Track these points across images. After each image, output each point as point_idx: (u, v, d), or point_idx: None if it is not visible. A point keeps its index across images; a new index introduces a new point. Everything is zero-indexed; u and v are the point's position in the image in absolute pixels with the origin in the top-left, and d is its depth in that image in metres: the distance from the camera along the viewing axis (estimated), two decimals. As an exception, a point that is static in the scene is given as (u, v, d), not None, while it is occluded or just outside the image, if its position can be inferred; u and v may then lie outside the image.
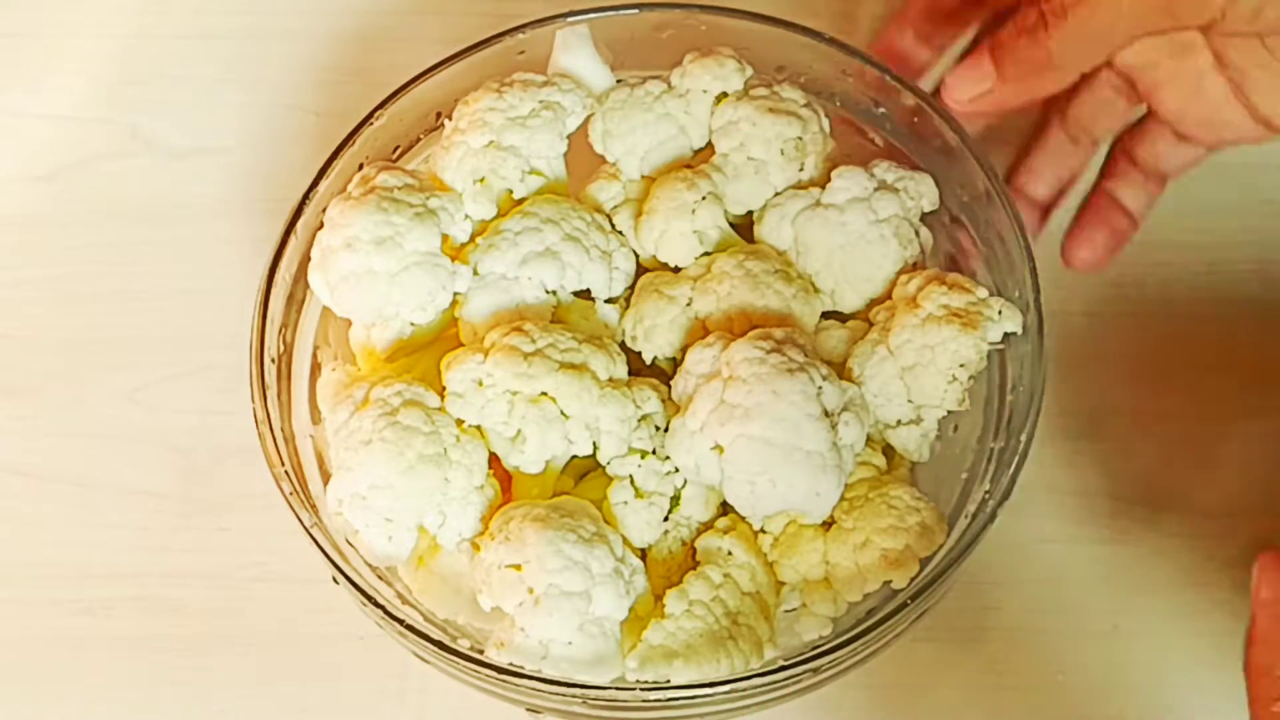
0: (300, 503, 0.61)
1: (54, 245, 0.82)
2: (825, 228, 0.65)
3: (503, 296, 0.65)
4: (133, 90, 0.87)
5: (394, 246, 0.64)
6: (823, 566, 0.61)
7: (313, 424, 0.66)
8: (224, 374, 0.76)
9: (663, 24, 0.72)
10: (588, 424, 0.61)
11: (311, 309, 0.68)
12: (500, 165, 0.67)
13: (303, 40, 0.88)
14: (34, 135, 0.86)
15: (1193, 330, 0.77)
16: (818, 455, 0.59)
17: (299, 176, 0.68)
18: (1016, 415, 0.63)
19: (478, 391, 0.62)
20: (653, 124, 0.69)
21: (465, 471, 0.61)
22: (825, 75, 0.71)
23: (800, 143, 0.67)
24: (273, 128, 0.85)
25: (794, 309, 0.64)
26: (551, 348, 0.62)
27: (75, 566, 0.73)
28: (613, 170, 0.70)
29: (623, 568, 0.59)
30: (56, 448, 0.76)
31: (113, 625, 0.71)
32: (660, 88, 0.69)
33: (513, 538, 0.59)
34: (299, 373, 0.68)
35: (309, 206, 0.67)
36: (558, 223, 0.65)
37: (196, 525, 0.74)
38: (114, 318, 0.79)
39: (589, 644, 0.58)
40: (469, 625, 0.63)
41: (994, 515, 0.60)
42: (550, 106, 0.67)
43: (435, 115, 0.72)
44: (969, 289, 0.63)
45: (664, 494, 0.63)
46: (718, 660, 0.59)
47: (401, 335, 0.65)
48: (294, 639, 0.71)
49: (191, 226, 0.82)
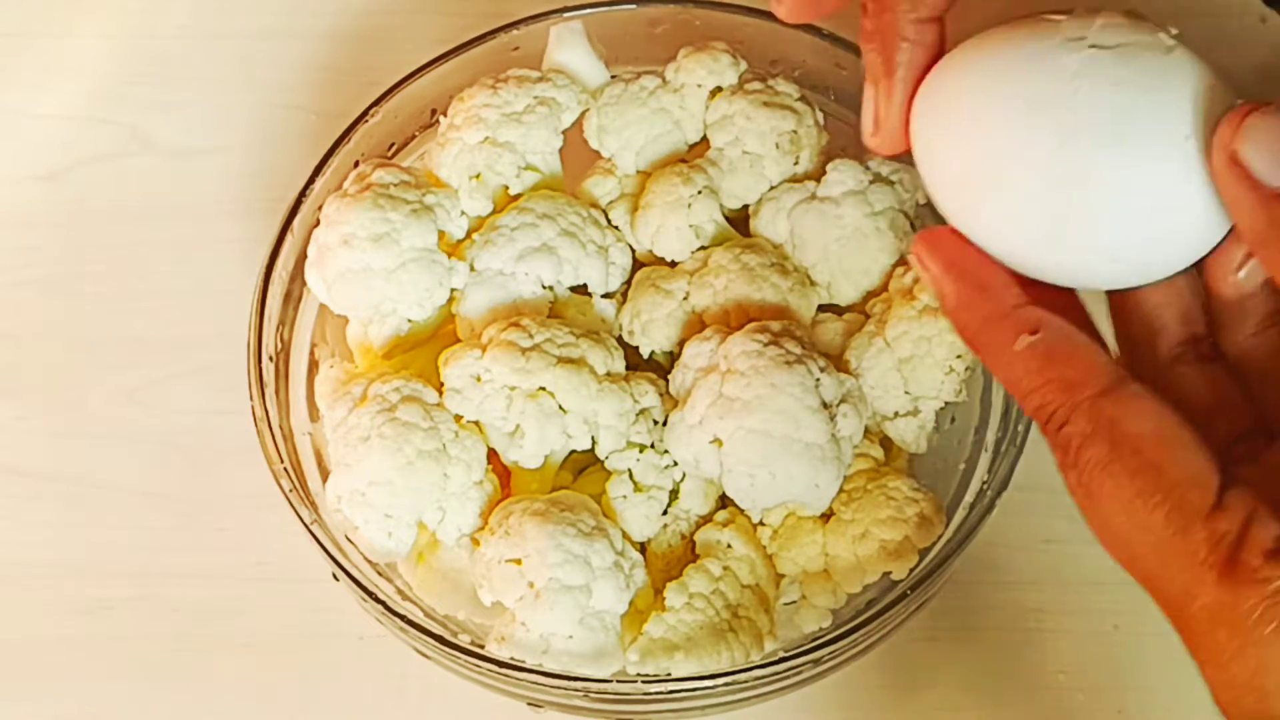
0: (299, 500, 0.61)
1: (54, 245, 0.82)
2: (821, 221, 0.65)
3: (500, 292, 0.65)
4: (133, 90, 0.87)
5: (391, 243, 0.64)
6: (822, 558, 0.62)
7: (311, 421, 0.67)
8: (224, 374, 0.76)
9: (657, 19, 0.72)
10: (586, 418, 0.61)
11: (309, 306, 0.68)
12: (496, 161, 0.67)
13: (302, 40, 0.88)
14: (34, 135, 0.86)
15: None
16: (817, 447, 0.59)
17: (299, 176, 0.68)
18: (1013, 406, 0.62)
19: (476, 387, 0.62)
20: (648, 119, 0.69)
21: (464, 467, 0.61)
22: (819, 69, 0.71)
23: (795, 136, 0.67)
24: (272, 127, 0.85)
25: (791, 302, 0.64)
26: (549, 343, 0.62)
27: (75, 566, 0.73)
28: (608, 165, 0.70)
29: (623, 561, 0.59)
30: (56, 448, 0.76)
31: (113, 625, 0.71)
32: (655, 83, 0.69)
33: (512, 532, 0.59)
34: (297, 370, 0.68)
35: (305, 204, 0.67)
36: (554, 218, 0.65)
37: (196, 525, 0.74)
38: (114, 318, 0.79)
39: (590, 638, 0.58)
40: (469, 621, 0.63)
41: (992, 505, 0.60)
42: (545, 102, 0.67)
43: (430, 112, 0.72)
44: (965, 280, 0.63)
45: (663, 488, 0.63)
46: (718, 653, 0.59)
47: (399, 332, 0.65)
48: (294, 639, 0.71)
49: (191, 226, 0.82)
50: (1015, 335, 0.45)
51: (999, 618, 0.71)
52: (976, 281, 0.46)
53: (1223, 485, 0.42)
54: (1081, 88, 0.44)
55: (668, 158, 0.69)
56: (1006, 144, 0.45)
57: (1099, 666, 0.69)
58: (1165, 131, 0.44)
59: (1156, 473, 0.42)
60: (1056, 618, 0.70)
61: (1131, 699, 0.68)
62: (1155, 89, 0.44)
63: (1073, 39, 0.45)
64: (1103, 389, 0.43)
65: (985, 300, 0.46)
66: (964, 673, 0.70)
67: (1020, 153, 0.45)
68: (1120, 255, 0.45)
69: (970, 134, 0.46)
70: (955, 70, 0.47)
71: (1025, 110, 0.44)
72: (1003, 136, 0.45)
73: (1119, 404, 0.43)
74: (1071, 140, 0.44)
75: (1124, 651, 0.69)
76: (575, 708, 0.61)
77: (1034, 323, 0.45)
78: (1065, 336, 0.45)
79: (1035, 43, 0.45)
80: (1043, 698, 0.69)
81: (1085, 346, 0.45)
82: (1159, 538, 0.41)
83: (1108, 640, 0.69)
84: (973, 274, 0.46)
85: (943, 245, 0.47)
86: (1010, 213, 0.45)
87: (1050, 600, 0.71)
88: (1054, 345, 0.45)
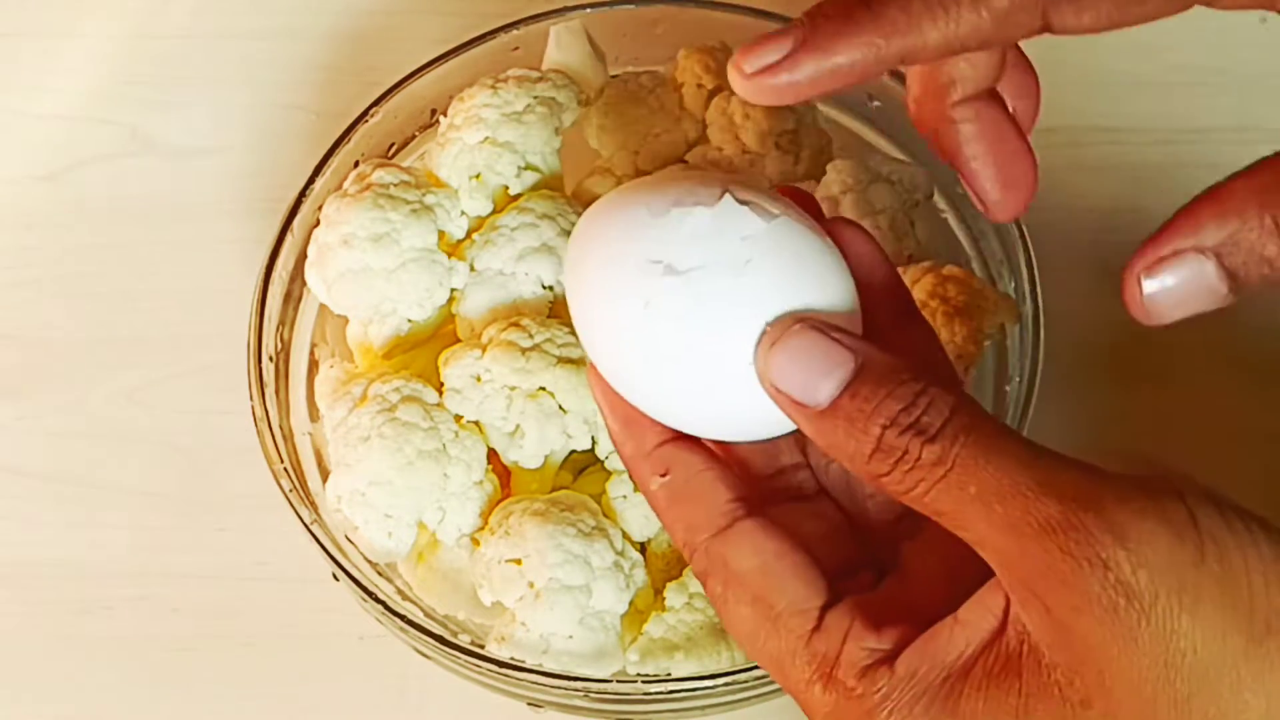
0: (299, 500, 0.61)
1: (54, 245, 0.82)
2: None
3: (500, 292, 0.65)
4: (133, 90, 0.87)
5: (391, 243, 0.64)
6: (822, 559, 0.61)
7: (311, 421, 0.67)
8: (224, 374, 0.76)
9: (657, 19, 0.72)
10: (586, 418, 0.61)
11: (309, 306, 0.69)
12: (496, 161, 0.67)
13: (302, 40, 0.88)
14: (34, 135, 0.86)
15: (1195, 329, 0.76)
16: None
17: (299, 176, 0.68)
18: (1014, 407, 0.62)
19: (476, 387, 0.62)
20: (647, 119, 0.69)
21: (464, 467, 0.61)
22: (820, 68, 0.71)
23: (795, 136, 0.67)
24: (272, 127, 0.85)
25: (791, 302, 0.64)
26: (549, 343, 0.62)
27: (75, 566, 0.73)
28: (608, 165, 0.70)
29: (623, 561, 0.59)
30: (56, 448, 0.76)
31: (113, 625, 0.71)
32: (654, 82, 0.69)
33: (512, 532, 0.59)
34: (297, 370, 0.68)
35: (305, 204, 0.67)
36: (554, 218, 0.65)
37: (196, 525, 0.73)
38: (114, 318, 0.79)
39: (590, 638, 0.58)
40: (469, 621, 0.63)
41: (992, 505, 0.59)
42: (545, 102, 0.67)
43: (430, 112, 0.72)
44: (965, 281, 0.63)
45: (663, 488, 0.63)
46: (719, 653, 0.59)
47: (399, 332, 0.65)
48: (294, 639, 0.71)
49: (191, 226, 0.82)
50: (652, 474, 0.48)
51: (999, 617, 0.71)
52: (625, 417, 0.48)
53: (825, 606, 0.44)
54: (691, 277, 0.44)
55: (668, 158, 0.69)
56: (615, 314, 0.46)
57: (1099, 666, 0.69)
58: (741, 330, 0.44)
59: (764, 604, 0.45)
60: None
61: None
62: (733, 290, 0.44)
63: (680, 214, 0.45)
64: (716, 530, 0.46)
65: (631, 437, 0.49)
66: (964, 672, 0.69)
67: (626, 323, 0.46)
68: (718, 425, 0.47)
69: (592, 291, 0.47)
70: (598, 218, 0.48)
71: (632, 288, 0.45)
72: (613, 305, 0.46)
73: (727, 543, 0.46)
74: (671, 320, 0.44)
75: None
76: (575, 708, 0.61)
77: (665, 464, 0.48)
78: (689, 478, 0.47)
79: (661, 202, 0.46)
80: (1042, 698, 0.69)
81: (707, 489, 0.47)
82: (777, 659, 0.44)
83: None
84: (623, 410, 0.48)
85: (602, 379, 0.49)
86: (628, 373, 0.47)
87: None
88: (679, 488, 0.47)
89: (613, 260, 0.46)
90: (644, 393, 0.47)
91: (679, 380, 0.45)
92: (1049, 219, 0.75)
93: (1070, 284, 0.75)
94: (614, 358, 0.47)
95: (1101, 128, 0.83)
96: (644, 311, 0.45)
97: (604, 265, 0.46)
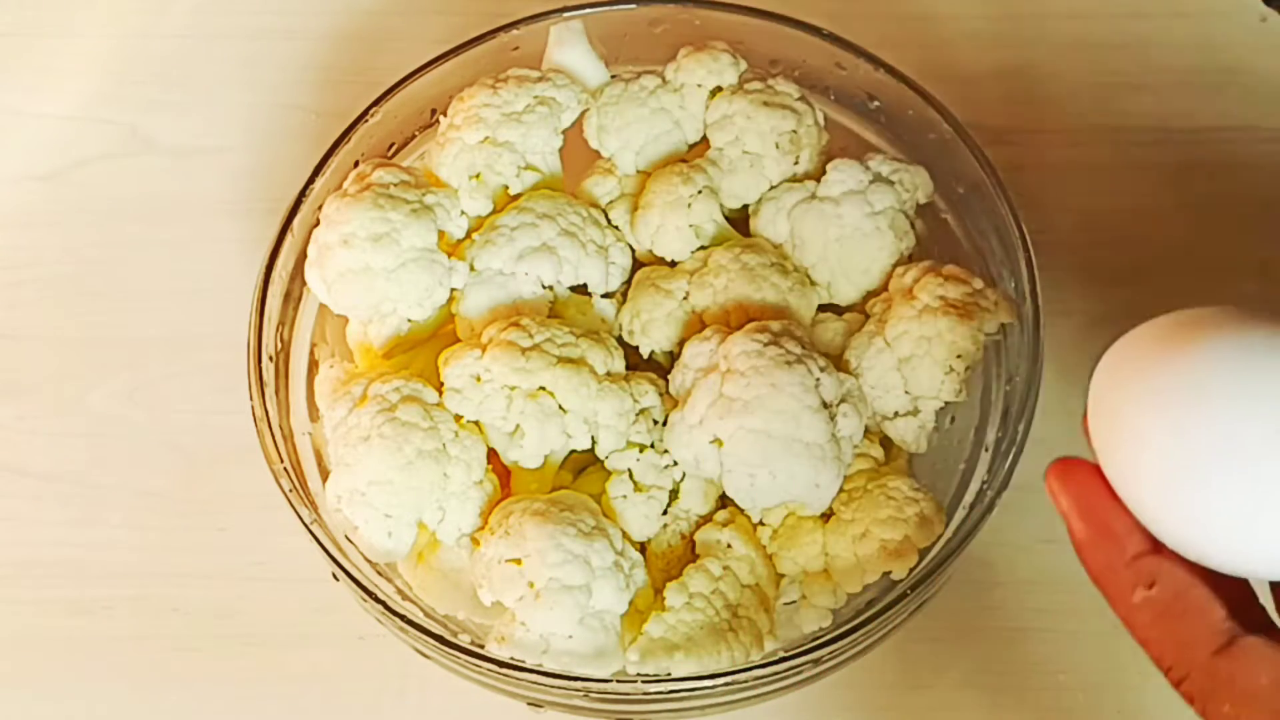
0: (299, 500, 0.61)
1: (54, 245, 0.82)
2: (821, 220, 0.65)
3: (499, 292, 0.65)
4: (133, 90, 0.87)
5: (390, 243, 0.64)
6: (822, 558, 0.61)
7: (311, 421, 0.67)
8: (224, 374, 0.76)
9: (657, 19, 0.72)
10: (586, 418, 0.61)
11: (309, 306, 0.69)
12: (496, 161, 0.67)
13: (302, 40, 0.88)
14: (34, 135, 0.86)
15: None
16: (817, 447, 0.59)
17: (299, 176, 0.68)
18: (1013, 406, 0.62)
19: (476, 387, 0.62)
20: (647, 118, 0.69)
21: (464, 467, 0.61)
22: (819, 69, 0.71)
23: (795, 136, 0.67)
24: (272, 127, 0.85)
25: (790, 302, 0.64)
26: (549, 343, 0.62)
27: (75, 566, 0.73)
28: (608, 165, 0.70)
29: (622, 561, 0.59)
30: (56, 448, 0.76)
31: (113, 625, 0.71)
32: (655, 82, 0.69)
33: (512, 532, 0.59)
34: (297, 370, 0.68)
35: (305, 204, 0.67)
36: (554, 218, 0.65)
37: (196, 525, 0.74)
38: (114, 318, 0.80)
39: (590, 637, 0.58)
40: (469, 620, 0.63)
41: (992, 505, 0.60)
42: (545, 102, 0.67)
43: (430, 112, 0.72)
44: (965, 280, 0.63)
45: (663, 487, 0.63)
46: (718, 652, 0.59)
47: (399, 331, 0.65)
48: (294, 639, 0.71)
49: (191, 226, 0.82)
50: (1134, 586, 0.46)
51: (999, 618, 0.71)
52: (1102, 524, 0.46)
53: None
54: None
55: (668, 158, 0.69)
56: (1212, 441, 0.43)
57: (1099, 666, 0.69)
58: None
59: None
60: (1056, 618, 0.70)
61: (1131, 699, 0.68)
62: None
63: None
64: (1217, 648, 0.44)
65: (1108, 545, 0.46)
66: (963, 672, 0.70)
67: (1226, 450, 0.43)
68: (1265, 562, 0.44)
69: (1175, 425, 0.44)
70: (1159, 357, 0.46)
71: (1233, 410, 0.43)
72: (1208, 433, 0.44)
73: (1234, 660, 0.44)
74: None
75: (1124, 651, 0.69)
76: (575, 708, 0.61)
77: (1150, 575, 0.46)
78: (1180, 592, 0.45)
79: (1238, 336, 0.44)
80: (1043, 698, 0.69)
81: (1200, 603, 0.45)
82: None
83: (1108, 640, 0.69)
84: (1099, 515, 0.46)
85: (1075, 479, 0.47)
86: (1207, 506, 0.44)
87: (1050, 600, 0.70)
88: (1168, 602, 0.45)
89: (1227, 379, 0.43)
90: (1222, 530, 0.44)
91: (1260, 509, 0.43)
92: (1049, 219, 0.76)
93: (1070, 284, 0.75)
94: (1190, 495, 0.44)
95: (1102, 127, 0.83)
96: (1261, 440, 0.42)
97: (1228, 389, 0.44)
